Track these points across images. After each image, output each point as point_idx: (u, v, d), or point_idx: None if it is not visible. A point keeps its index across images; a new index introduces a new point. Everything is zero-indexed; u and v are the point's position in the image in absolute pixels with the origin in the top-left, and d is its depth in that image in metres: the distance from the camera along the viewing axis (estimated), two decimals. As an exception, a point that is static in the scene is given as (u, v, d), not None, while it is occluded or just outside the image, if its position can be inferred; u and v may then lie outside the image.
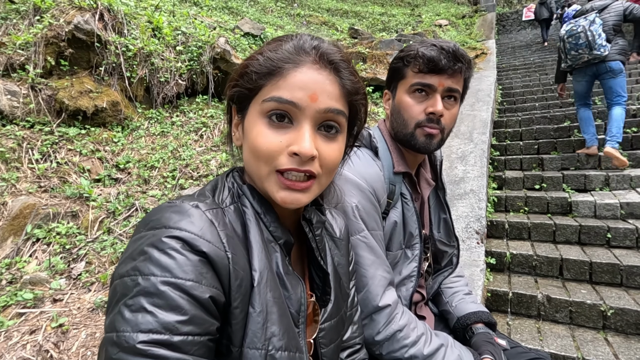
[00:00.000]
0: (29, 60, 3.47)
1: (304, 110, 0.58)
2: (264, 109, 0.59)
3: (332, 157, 0.62)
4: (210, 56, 4.54)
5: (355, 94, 0.65)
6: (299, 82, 0.58)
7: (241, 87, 0.63)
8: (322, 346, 0.72)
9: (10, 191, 2.73)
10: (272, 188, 0.60)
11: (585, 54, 3.66)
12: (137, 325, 0.45)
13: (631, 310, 2.26)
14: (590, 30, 3.54)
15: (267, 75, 0.60)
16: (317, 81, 0.59)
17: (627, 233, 2.88)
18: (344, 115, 0.63)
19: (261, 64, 0.60)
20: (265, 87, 0.60)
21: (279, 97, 0.58)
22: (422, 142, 1.02)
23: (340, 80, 0.62)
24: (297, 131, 0.58)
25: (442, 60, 0.96)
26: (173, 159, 3.61)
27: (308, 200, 0.62)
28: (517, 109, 5.95)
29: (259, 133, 0.59)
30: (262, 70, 0.60)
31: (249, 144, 0.61)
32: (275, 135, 0.58)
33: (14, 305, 2.10)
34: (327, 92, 0.60)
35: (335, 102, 0.61)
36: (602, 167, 3.87)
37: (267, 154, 0.58)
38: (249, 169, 0.64)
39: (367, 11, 14.03)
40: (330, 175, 0.65)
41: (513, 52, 10.53)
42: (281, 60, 0.59)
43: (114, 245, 2.64)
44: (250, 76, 0.61)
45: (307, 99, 0.58)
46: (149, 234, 0.52)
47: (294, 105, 0.58)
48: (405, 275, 1.08)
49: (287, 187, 0.59)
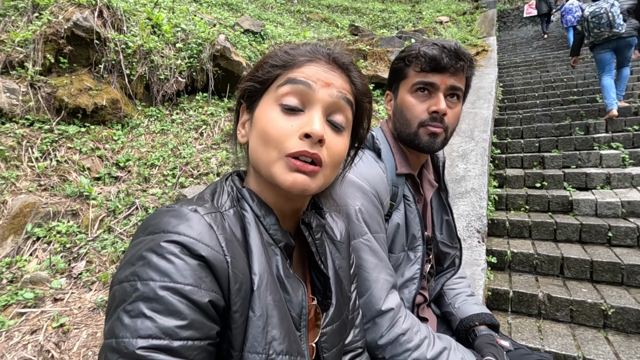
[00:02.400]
0: (28, 58, 3.45)
1: (316, 94, 0.61)
2: (278, 95, 0.61)
3: (338, 148, 0.64)
4: (210, 53, 4.52)
5: (364, 95, 0.68)
6: (314, 72, 0.62)
7: (254, 81, 0.65)
8: (324, 350, 0.71)
9: (10, 190, 2.72)
10: (280, 171, 0.60)
11: (606, 32, 4.39)
12: (136, 330, 0.45)
13: (632, 309, 2.26)
14: (611, 11, 4.28)
15: (283, 67, 0.63)
16: (331, 75, 0.63)
17: (628, 232, 2.87)
18: (352, 108, 0.66)
19: (279, 57, 0.64)
20: (280, 77, 0.63)
21: (294, 78, 0.61)
22: (426, 142, 1.01)
23: (350, 79, 0.66)
24: (307, 116, 0.61)
25: (444, 59, 0.96)
26: (173, 157, 3.60)
27: (315, 187, 0.62)
28: (518, 107, 5.93)
29: (270, 119, 0.61)
30: (279, 62, 0.63)
31: (258, 130, 0.62)
32: (287, 121, 0.60)
33: (15, 304, 2.10)
34: (339, 83, 0.63)
35: (347, 92, 0.64)
36: (604, 165, 3.86)
37: (277, 138, 0.59)
38: (255, 157, 0.64)
39: (367, 8, 13.97)
40: (334, 169, 0.66)
41: (514, 49, 10.49)
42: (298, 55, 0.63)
43: (114, 244, 2.63)
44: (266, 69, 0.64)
45: (320, 83, 0.61)
46: (147, 239, 0.52)
47: (308, 86, 0.60)
48: (408, 277, 1.08)
49: (297, 168, 0.59)
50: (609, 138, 4.19)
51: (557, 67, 7.49)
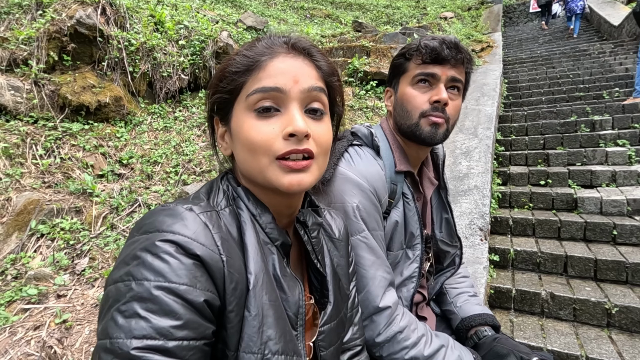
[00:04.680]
0: (31, 56, 3.47)
1: (289, 94, 0.60)
2: (250, 103, 0.60)
3: (324, 135, 0.64)
4: (212, 50, 4.52)
5: (331, 74, 0.67)
6: (278, 69, 0.60)
7: (222, 92, 0.64)
8: (322, 349, 0.71)
9: (14, 187, 2.75)
10: (275, 175, 0.60)
11: None
12: (130, 331, 0.44)
13: (636, 309, 2.24)
14: None
15: (246, 72, 0.61)
16: (295, 66, 0.62)
17: (634, 230, 2.84)
18: (325, 93, 0.65)
19: (239, 62, 0.62)
20: (246, 84, 0.61)
21: (263, 87, 0.59)
22: (428, 132, 1.00)
23: (315, 63, 0.64)
24: (286, 115, 0.60)
25: (445, 50, 0.97)
26: (176, 155, 3.61)
27: (311, 180, 0.62)
28: (522, 103, 5.87)
29: (250, 127, 0.60)
30: (241, 68, 0.62)
31: (241, 141, 0.61)
32: (267, 125, 0.59)
33: (19, 300, 2.12)
34: (306, 73, 0.62)
35: (315, 80, 0.63)
36: (609, 162, 3.82)
37: (263, 143, 0.59)
38: (246, 167, 0.63)
39: (371, 4, 13.89)
40: (326, 156, 0.66)
41: (520, 44, 10.37)
42: (257, 55, 0.62)
43: (117, 241, 2.65)
44: (229, 77, 0.62)
45: (290, 82, 0.60)
46: (142, 238, 0.52)
47: (278, 90, 0.59)
48: (407, 275, 1.07)
49: (291, 169, 0.59)
50: (615, 135, 4.13)
51: (564, 63, 7.40)
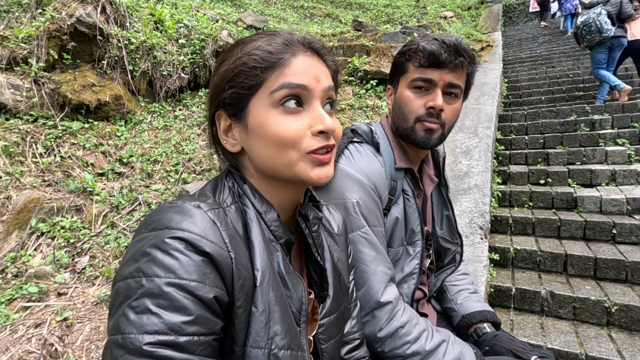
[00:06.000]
0: (31, 54, 3.47)
1: (313, 92, 0.63)
2: (275, 99, 0.61)
3: (339, 127, 0.67)
4: (212, 49, 4.52)
5: (338, 72, 0.72)
6: (302, 68, 0.62)
7: (239, 87, 0.64)
8: (322, 342, 0.72)
9: (14, 185, 2.74)
10: (305, 170, 0.62)
11: (596, 37, 5.05)
12: (142, 326, 0.45)
13: (636, 307, 2.24)
14: (598, 19, 4.94)
15: (269, 68, 0.62)
16: (314, 65, 0.64)
17: (633, 229, 2.85)
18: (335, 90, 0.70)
19: (263, 58, 0.62)
20: (269, 80, 0.62)
21: (290, 83, 0.61)
22: (422, 137, 1.01)
23: (326, 62, 0.68)
24: (311, 112, 0.63)
25: (443, 54, 0.95)
26: (176, 153, 3.61)
27: (333, 172, 0.66)
28: (522, 103, 5.88)
29: (277, 123, 0.61)
30: (263, 64, 0.62)
31: (267, 137, 0.62)
32: (295, 121, 0.61)
33: (20, 298, 2.12)
34: (324, 73, 0.66)
35: (330, 80, 0.67)
36: (609, 161, 3.83)
37: (293, 139, 0.61)
38: (269, 162, 0.64)
39: (371, 3, 13.88)
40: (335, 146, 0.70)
41: (519, 44, 10.38)
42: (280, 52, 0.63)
43: (117, 239, 2.65)
44: (250, 72, 0.62)
45: (313, 81, 0.63)
46: (151, 235, 0.52)
47: (305, 88, 0.62)
48: (407, 272, 1.07)
49: (320, 162, 0.62)
50: (615, 134, 4.14)
51: (563, 63, 7.41)
